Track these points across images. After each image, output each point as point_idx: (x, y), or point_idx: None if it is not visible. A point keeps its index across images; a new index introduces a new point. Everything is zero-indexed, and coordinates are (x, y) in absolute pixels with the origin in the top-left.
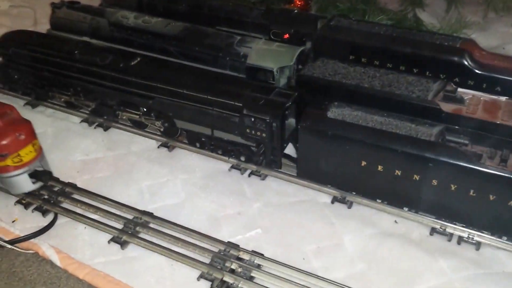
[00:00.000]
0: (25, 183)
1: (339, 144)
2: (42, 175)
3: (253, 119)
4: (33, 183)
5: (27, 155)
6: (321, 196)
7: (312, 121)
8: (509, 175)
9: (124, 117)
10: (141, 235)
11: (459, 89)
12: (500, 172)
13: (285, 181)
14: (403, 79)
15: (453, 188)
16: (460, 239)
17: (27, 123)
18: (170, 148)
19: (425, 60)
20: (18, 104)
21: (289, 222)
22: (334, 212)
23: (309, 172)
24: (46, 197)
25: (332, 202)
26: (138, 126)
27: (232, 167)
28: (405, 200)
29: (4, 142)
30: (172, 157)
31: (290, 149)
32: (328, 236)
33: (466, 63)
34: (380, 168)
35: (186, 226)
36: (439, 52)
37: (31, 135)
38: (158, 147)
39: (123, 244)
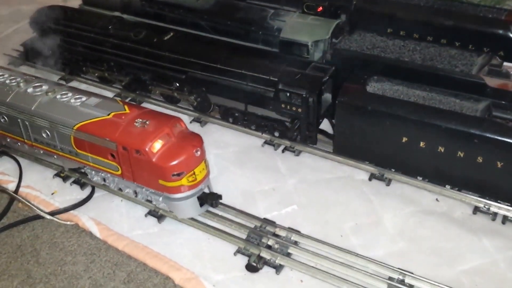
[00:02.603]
0: (195, 206)
1: (379, 119)
2: (211, 197)
3: (288, 94)
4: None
5: (200, 173)
6: (358, 173)
7: (351, 96)
8: None
9: (157, 92)
10: None
11: (505, 63)
12: None
13: (320, 157)
14: (445, 53)
15: (499, 165)
16: (505, 219)
17: (198, 136)
18: (202, 123)
19: (469, 33)
20: (52, 79)
21: (325, 198)
22: (372, 189)
23: (346, 148)
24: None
25: (370, 179)
26: (171, 101)
27: (266, 142)
28: (447, 178)
29: (181, 159)
30: (204, 132)
31: (325, 125)
32: (366, 214)
33: None
34: (422, 144)
35: (221, 201)
36: (484, 25)
37: (204, 151)
38: (191, 122)
39: (160, 218)
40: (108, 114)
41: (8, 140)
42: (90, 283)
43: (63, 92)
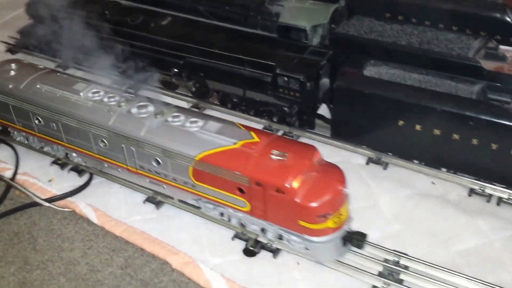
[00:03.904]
0: (338, 247)
1: (375, 103)
2: (356, 237)
3: (286, 79)
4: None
5: (345, 212)
6: (356, 157)
7: (348, 79)
8: None
9: (155, 78)
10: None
11: (501, 46)
12: None
13: (318, 142)
14: (442, 37)
15: (494, 147)
16: (500, 200)
17: (339, 169)
18: (201, 109)
19: (466, 17)
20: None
21: None
22: (369, 173)
23: (344, 132)
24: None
25: (367, 163)
26: (169, 87)
27: (264, 128)
28: (443, 161)
29: (327, 198)
30: None
31: (323, 110)
32: (363, 197)
33: (509, 19)
34: (418, 127)
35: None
36: (481, 9)
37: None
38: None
39: (158, 204)
40: (235, 143)
41: (106, 165)
42: (88, 269)
43: (174, 114)
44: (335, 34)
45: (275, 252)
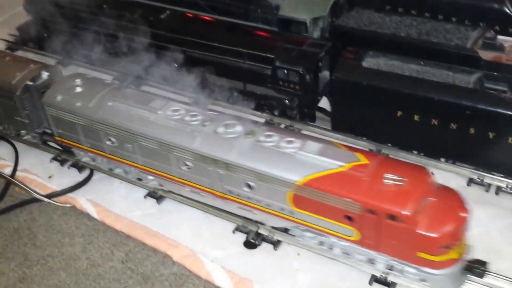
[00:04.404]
0: (458, 278)
1: (374, 94)
2: (477, 266)
3: (285, 71)
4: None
5: (465, 240)
6: None
7: (346, 71)
8: None
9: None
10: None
11: (499, 37)
12: None
13: (319, 135)
14: (441, 28)
15: (491, 136)
16: (499, 189)
17: (457, 194)
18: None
19: (465, 7)
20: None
21: None
22: None
23: (344, 124)
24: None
25: None
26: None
27: (266, 122)
28: (442, 151)
29: (452, 227)
30: None
31: (325, 103)
32: None
33: (507, 10)
34: (416, 118)
35: None
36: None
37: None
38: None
39: (159, 199)
40: (342, 166)
41: (188, 189)
42: (88, 263)
43: (267, 134)
44: (335, 27)
45: (275, 244)
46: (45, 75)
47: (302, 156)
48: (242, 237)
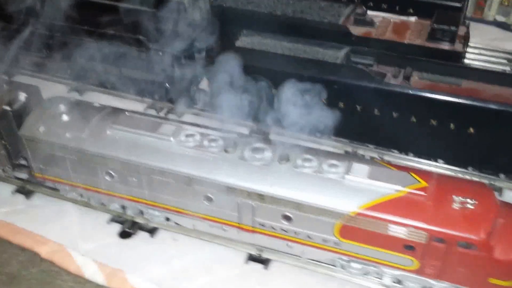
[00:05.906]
0: None
1: (247, 73)
2: None
3: (161, 53)
4: None
5: None
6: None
7: (220, 50)
8: (410, 91)
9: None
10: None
11: (370, 12)
12: (402, 89)
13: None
14: (316, 5)
15: (358, 109)
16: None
17: None
18: (80, 92)
19: None
20: None
21: None
22: None
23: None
24: None
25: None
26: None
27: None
28: (317, 128)
29: None
30: None
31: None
32: None
33: None
34: (289, 95)
35: None
36: None
37: None
38: (68, 92)
39: (27, 194)
40: (399, 191)
41: (209, 224)
42: None
43: (305, 157)
44: (214, 7)
45: (152, 231)
46: (22, 96)
47: (351, 182)
48: (117, 227)
